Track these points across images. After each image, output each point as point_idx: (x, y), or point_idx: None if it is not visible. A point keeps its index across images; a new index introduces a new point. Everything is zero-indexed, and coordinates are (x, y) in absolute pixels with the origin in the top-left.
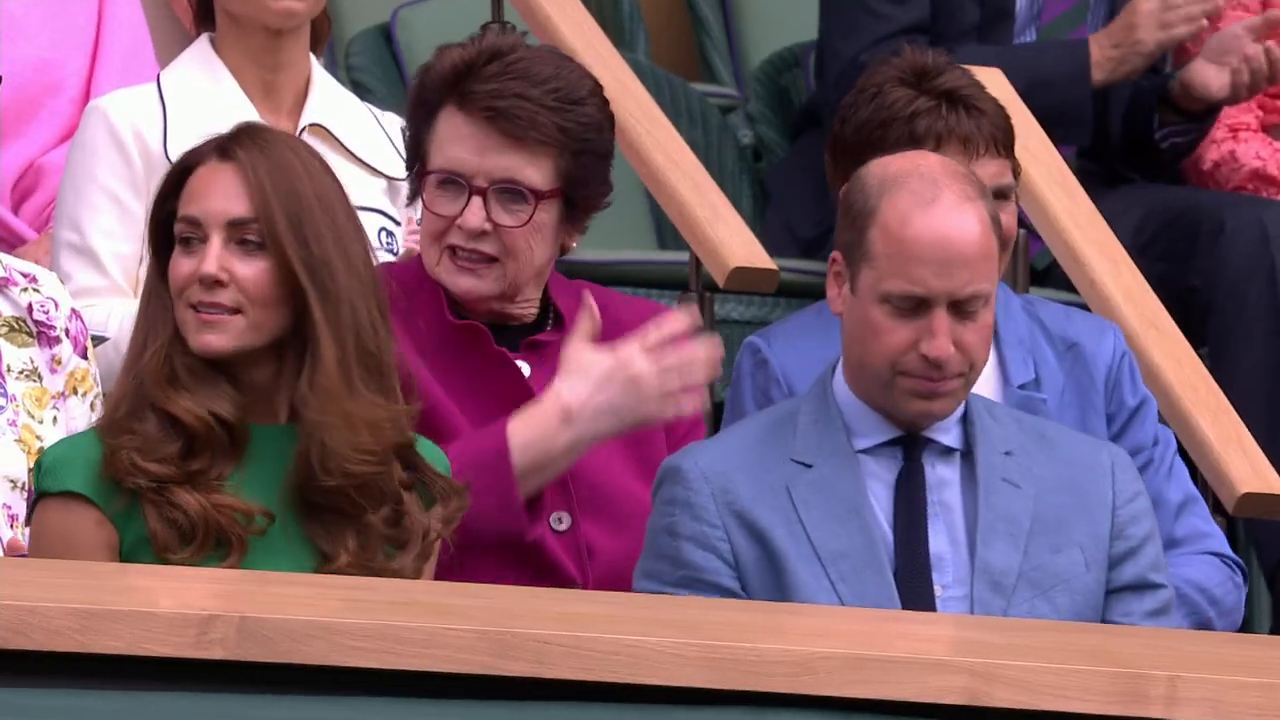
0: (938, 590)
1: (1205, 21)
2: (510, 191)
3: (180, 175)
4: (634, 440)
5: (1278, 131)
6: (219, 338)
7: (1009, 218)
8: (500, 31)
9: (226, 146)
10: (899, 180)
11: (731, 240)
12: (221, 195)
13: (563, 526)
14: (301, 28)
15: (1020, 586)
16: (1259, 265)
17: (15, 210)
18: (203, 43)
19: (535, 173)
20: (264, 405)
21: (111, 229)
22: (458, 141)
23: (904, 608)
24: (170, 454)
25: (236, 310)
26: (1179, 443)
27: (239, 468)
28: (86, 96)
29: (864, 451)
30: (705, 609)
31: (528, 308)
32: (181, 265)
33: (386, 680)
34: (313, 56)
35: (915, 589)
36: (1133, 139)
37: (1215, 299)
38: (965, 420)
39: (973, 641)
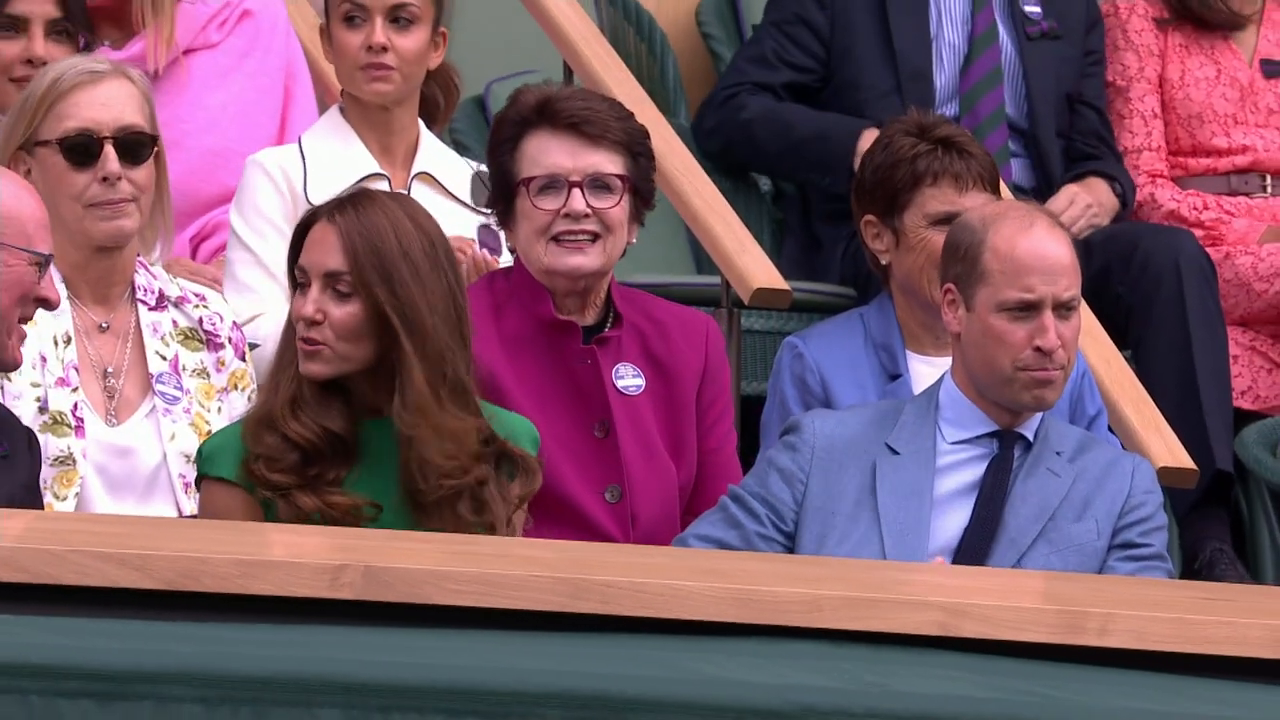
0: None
1: None
2: (599, 182)
3: (304, 228)
4: (672, 425)
5: (1183, 182)
6: (317, 366)
7: None
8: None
9: (333, 210)
10: (998, 216)
11: (754, 267)
12: (322, 250)
13: (615, 499)
14: (407, 101)
15: (1036, 545)
16: (1167, 278)
17: (193, 254)
18: (334, 112)
19: (613, 166)
20: (371, 407)
21: (265, 251)
22: (550, 152)
23: (962, 559)
24: (291, 464)
25: (321, 344)
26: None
27: (356, 465)
28: None
29: (960, 442)
30: (735, 560)
31: (595, 312)
32: (295, 304)
33: (482, 617)
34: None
35: (979, 549)
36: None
37: (1135, 303)
38: (1040, 424)
39: (947, 586)
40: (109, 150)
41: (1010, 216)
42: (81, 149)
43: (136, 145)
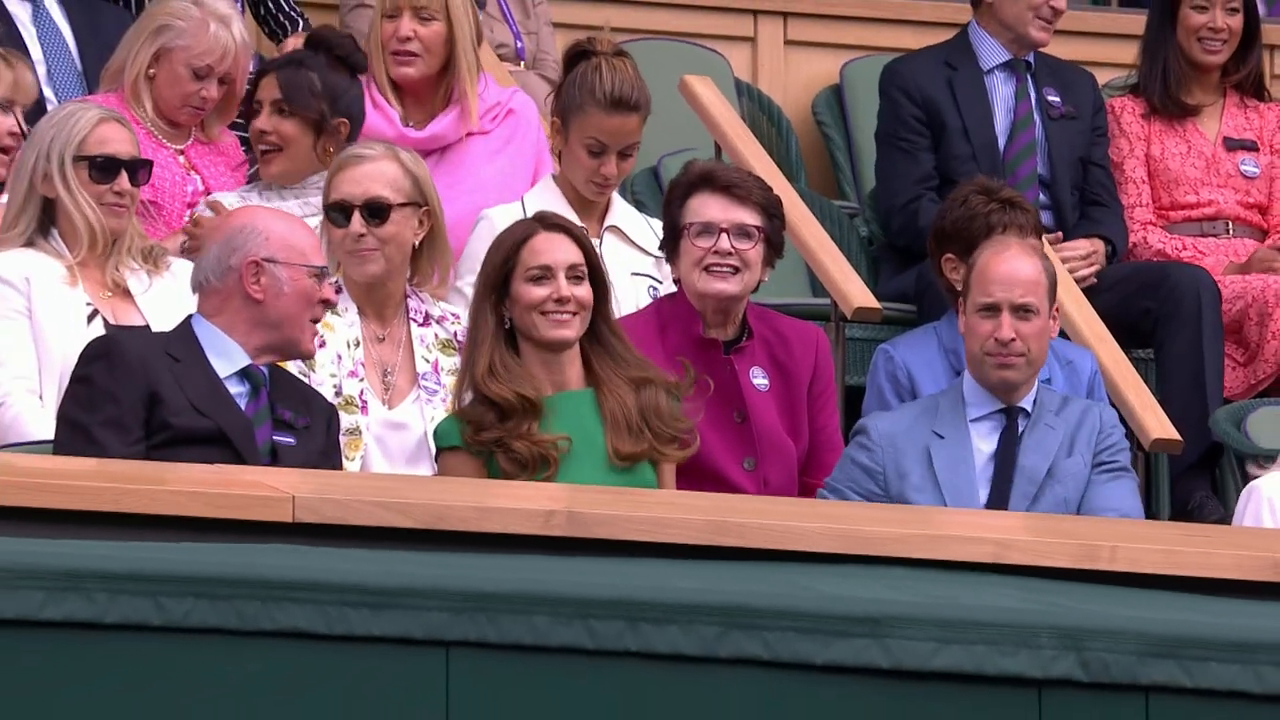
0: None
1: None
2: (742, 230)
3: (519, 243)
4: (790, 412)
5: (1170, 228)
6: (569, 332)
7: None
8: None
9: (538, 226)
10: (985, 246)
11: (855, 291)
12: (565, 251)
13: (751, 467)
14: None
15: (1046, 481)
16: (1189, 299)
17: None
18: (549, 178)
19: (753, 220)
20: (563, 379)
21: None
22: (707, 206)
23: (993, 504)
24: (492, 422)
25: (578, 312)
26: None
27: (544, 422)
28: None
29: (977, 419)
30: (840, 509)
31: (734, 328)
32: (535, 292)
33: (653, 548)
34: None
35: (1002, 494)
36: None
37: (1160, 316)
38: (1036, 398)
39: (996, 526)
40: (355, 215)
41: (993, 246)
42: (340, 213)
43: (377, 209)
